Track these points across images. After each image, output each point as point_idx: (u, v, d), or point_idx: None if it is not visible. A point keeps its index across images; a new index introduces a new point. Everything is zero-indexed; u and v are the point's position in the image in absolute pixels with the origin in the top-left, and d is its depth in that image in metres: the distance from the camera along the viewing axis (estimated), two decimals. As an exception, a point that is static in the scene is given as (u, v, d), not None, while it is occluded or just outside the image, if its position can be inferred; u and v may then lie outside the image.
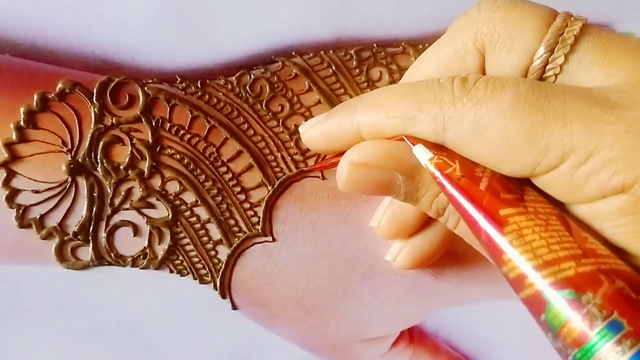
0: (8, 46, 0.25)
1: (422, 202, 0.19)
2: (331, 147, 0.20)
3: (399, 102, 0.18)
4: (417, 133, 0.17)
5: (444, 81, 0.17)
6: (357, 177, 0.18)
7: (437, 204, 0.19)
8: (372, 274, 0.24)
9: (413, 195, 0.19)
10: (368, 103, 0.18)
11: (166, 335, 0.28)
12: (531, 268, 0.15)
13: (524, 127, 0.16)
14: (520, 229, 0.16)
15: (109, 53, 0.25)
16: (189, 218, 0.24)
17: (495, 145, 0.16)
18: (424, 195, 0.19)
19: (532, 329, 0.29)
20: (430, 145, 0.17)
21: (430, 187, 0.18)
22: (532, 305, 0.16)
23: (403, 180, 0.18)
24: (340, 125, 0.19)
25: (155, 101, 0.24)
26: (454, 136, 0.17)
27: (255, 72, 0.25)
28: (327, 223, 0.24)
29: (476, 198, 0.17)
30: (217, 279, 0.24)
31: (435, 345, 0.28)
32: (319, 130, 0.20)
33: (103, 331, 0.28)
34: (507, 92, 0.16)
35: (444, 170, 0.17)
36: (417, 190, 0.18)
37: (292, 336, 0.26)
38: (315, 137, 0.20)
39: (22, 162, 0.23)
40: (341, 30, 0.26)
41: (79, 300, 0.27)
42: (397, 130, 0.18)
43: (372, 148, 0.18)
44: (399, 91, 0.18)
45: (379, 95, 0.18)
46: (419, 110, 0.17)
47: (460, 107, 0.17)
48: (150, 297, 0.27)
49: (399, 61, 0.25)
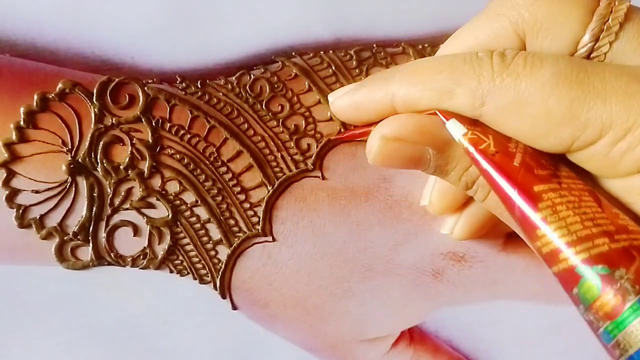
0: (8, 46, 0.25)
1: (451, 176, 0.19)
2: (361, 117, 0.20)
3: (436, 75, 0.18)
4: (453, 107, 0.17)
5: (483, 55, 0.17)
6: (388, 151, 0.19)
7: (466, 177, 0.19)
8: (372, 274, 0.24)
9: (442, 168, 0.19)
10: (404, 75, 0.18)
11: (166, 335, 0.28)
12: (565, 244, 0.16)
13: (563, 103, 0.16)
14: (554, 205, 0.16)
15: (109, 53, 0.25)
16: (189, 218, 0.24)
17: (534, 120, 0.16)
18: (453, 168, 0.19)
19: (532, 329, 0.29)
20: (463, 120, 0.18)
21: (460, 161, 0.18)
22: (565, 279, 0.16)
23: (433, 155, 0.18)
24: (373, 97, 0.19)
25: (155, 101, 0.24)
26: (493, 110, 0.17)
27: (255, 72, 0.25)
28: (327, 223, 0.24)
29: (510, 174, 0.17)
30: (217, 279, 0.24)
31: (435, 346, 0.28)
32: (350, 100, 0.20)
33: (103, 331, 0.28)
34: (546, 67, 0.16)
35: (478, 145, 0.17)
36: (446, 164, 0.19)
37: (292, 336, 0.26)
38: (345, 107, 0.20)
39: (22, 162, 0.23)
40: (341, 31, 0.26)
41: (79, 300, 0.27)
42: (432, 104, 0.18)
43: (404, 122, 0.18)
44: (435, 64, 0.18)
45: (415, 68, 0.18)
46: (457, 83, 0.17)
47: (500, 82, 0.17)
48: (150, 297, 0.27)
49: (398, 61, 0.25)
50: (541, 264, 0.25)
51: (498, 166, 0.17)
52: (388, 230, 0.24)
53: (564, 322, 0.29)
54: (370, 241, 0.24)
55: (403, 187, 0.24)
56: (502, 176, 0.17)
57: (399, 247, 0.24)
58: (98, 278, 0.26)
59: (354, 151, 0.25)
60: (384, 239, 0.24)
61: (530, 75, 0.17)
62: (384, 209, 0.24)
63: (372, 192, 0.24)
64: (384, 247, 0.24)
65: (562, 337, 0.29)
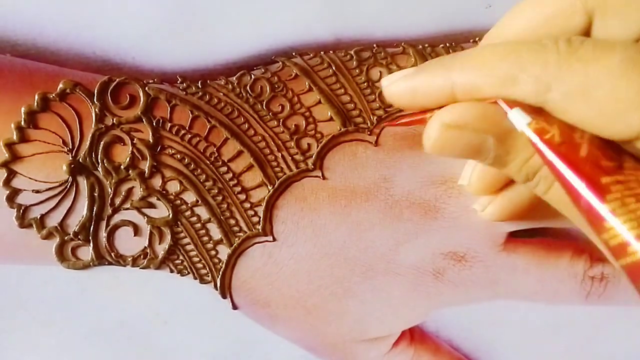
0: (9, 46, 0.25)
1: (511, 167, 0.18)
2: (417, 103, 0.19)
3: (499, 62, 0.17)
4: (517, 94, 0.17)
5: (547, 42, 0.17)
6: (447, 139, 0.18)
7: (527, 169, 0.18)
8: (373, 274, 0.24)
9: (502, 159, 0.18)
10: (465, 61, 0.18)
11: (166, 335, 0.28)
12: (635, 236, 0.16)
13: (633, 88, 0.16)
14: (623, 197, 0.16)
15: (110, 53, 0.26)
16: (190, 218, 0.24)
17: (602, 106, 0.16)
18: (513, 160, 0.18)
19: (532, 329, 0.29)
20: (527, 109, 0.17)
21: (521, 151, 0.18)
22: (634, 272, 0.16)
23: (494, 144, 0.18)
24: (432, 82, 0.18)
25: (156, 101, 0.24)
26: (559, 97, 0.16)
27: (255, 72, 0.25)
28: (327, 223, 0.24)
29: (577, 165, 0.16)
30: (217, 278, 0.24)
31: (436, 345, 0.28)
32: (407, 86, 0.19)
33: (103, 331, 0.28)
34: (615, 53, 0.16)
35: (543, 135, 0.17)
36: (507, 154, 0.18)
37: (293, 336, 0.26)
38: (401, 92, 0.19)
39: (22, 162, 0.23)
40: (341, 31, 0.26)
41: (79, 300, 0.27)
42: (495, 91, 0.17)
43: (466, 109, 0.18)
44: (498, 51, 0.17)
45: (477, 55, 0.18)
46: (522, 70, 0.17)
47: (567, 68, 0.16)
48: (150, 297, 0.27)
49: (398, 61, 0.25)
50: (541, 264, 0.25)
51: (564, 157, 0.16)
52: (388, 230, 0.24)
53: (564, 322, 0.29)
54: (370, 241, 0.24)
55: (403, 186, 0.24)
56: (569, 168, 0.16)
57: (400, 246, 0.24)
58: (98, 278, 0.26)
59: (354, 151, 0.25)
60: (384, 238, 0.24)
61: (599, 61, 0.16)
62: (385, 209, 0.24)
63: (373, 192, 0.24)
64: (385, 246, 0.24)
65: (562, 337, 0.29)
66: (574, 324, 0.29)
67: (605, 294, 0.26)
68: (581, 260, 0.26)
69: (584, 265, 0.26)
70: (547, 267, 0.25)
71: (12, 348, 0.27)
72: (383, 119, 0.24)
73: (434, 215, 0.24)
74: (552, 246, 0.26)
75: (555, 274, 0.25)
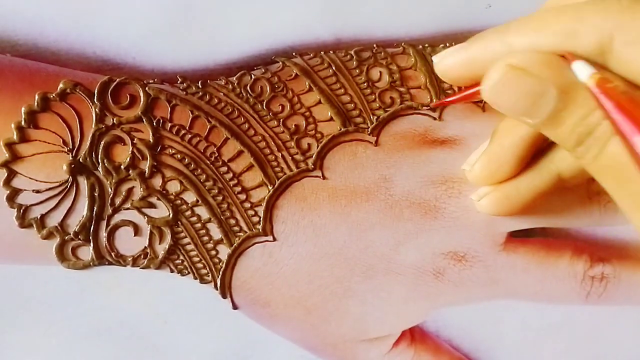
0: (9, 46, 0.25)
1: (566, 125, 0.18)
2: (474, 74, 0.19)
3: (557, 17, 0.17)
4: (579, 47, 0.17)
5: None
6: (510, 81, 0.18)
7: (582, 127, 0.18)
8: (373, 274, 0.24)
9: (558, 114, 0.18)
10: (522, 23, 0.18)
11: (166, 335, 0.28)
12: None
13: None
14: None
15: (110, 53, 0.26)
16: (190, 218, 0.24)
17: None
18: (570, 116, 0.18)
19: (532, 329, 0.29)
20: (591, 64, 0.17)
21: (580, 107, 0.17)
22: None
23: (555, 96, 0.17)
24: (488, 49, 0.18)
25: (156, 101, 0.24)
26: (622, 46, 0.16)
27: (255, 72, 0.25)
28: (327, 223, 0.24)
29: None
30: (217, 278, 0.24)
31: (436, 345, 0.28)
32: (462, 57, 0.19)
33: (103, 331, 0.28)
34: None
35: (605, 84, 0.16)
36: (565, 108, 0.18)
37: (293, 336, 0.26)
38: (456, 65, 0.19)
39: (23, 161, 0.23)
40: (341, 31, 0.26)
41: (79, 300, 0.27)
42: (555, 47, 0.17)
43: (532, 55, 0.18)
44: (554, 10, 0.17)
45: (532, 17, 0.18)
46: (581, 23, 0.17)
47: (630, 16, 0.16)
48: (150, 297, 0.27)
49: (398, 61, 0.25)
50: (541, 264, 0.25)
51: (627, 109, 0.16)
52: (389, 230, 0.24)
53: (564, 322, 0.29)
54: (370, 241, 0.24)
55: (403, 186, 0.24)
56: (630, 120, 0.16)
57: (400, 246, 0.24)
58: (99, 278, 0.26)
59: (354, 151, 0.25)
60: (384, 238, 0.24)
61: None
62: (385, 209, 0.24)
63: (373, 192, 0.24)
64: (385, 246, 0.24)
65: (562, 337, 0.29)
66: (574, 324, 0.29)
67: (605, 294, 0.26)
68: (581, 260, 0.26)
69: (584, 265, 0.26)
70: (547, 267, 0.25)
71: (12, 348, 0.27)
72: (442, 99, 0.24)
73: (434, 215, 0.24)
74: (552, 246, 0.26)
75: (555, 274, 0.25)
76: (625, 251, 0.27)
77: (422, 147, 0.25)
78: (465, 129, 0.25)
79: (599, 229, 0.28)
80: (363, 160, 0.24)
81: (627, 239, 0.28)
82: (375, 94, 0.25)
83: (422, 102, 0.24)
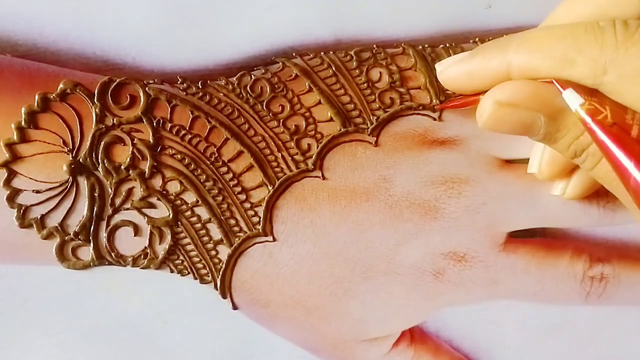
0: (9, 47, 0.25)
1: (560, 143, 0.19)
2: (473, 86, 0.20)
3: (556, 43, 0.18)
4: (573, 75, 0.18)
5: (605, 25, 0.17)
6: (500, 116, 0.19)
7: (575, 146, 0.19)
8: (373, 274, 0.25)
9: (552, 136, 0.19)
10: (522, 43, 0.18)
11: (166, 335, 0.28)
12: None
13: None
14: None
15: (110, 54, 0.26)
16: (190, 218, 0.24)
17: None
18: (563, 137, 0.19)
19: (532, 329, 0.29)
20: (580, 90, 0.18)
21: (572, 130, 0.19)
22: None
23: (545, 122, 0.19)
24: (488, 64, 0.19)
25: (156, 101, 0.24)
26: (614, 79, 0.17)
27: (255, 73, 0.25)
28: (327, 223, 0.24)
29: (627, 146, 0.17)
30: (217, 278, 0.24)
31: (436, 345, 0.28)
32: (463, 69, 0.20)
33: (103, 331, 0.28)
34: None
35: (596, 116, 0.17)
36: (557, 131, 0.19)
37: (293, 336, 0.26)
38: (457, 76, 0.20)
39: (23, 162, 0.23)
40: (341, 32, 0.26)
41: (79, 300, 0.27)
42: (551, 72, 0.18)
43: (519, 88, 0.19)
44: (555, 32, 0.18)
45: (533, 36, 0.18)
46: (579, 52, 0.17)
47: (624, 51, 0.17)
48: (150, 297, 0.27)
49: (398, 62, 0.25)
50: (541, 264, 0.25)
51: (615, 138, 0.17)
52: (388, 230, 0.24)
53: (564, 322, 0.29)
54: (370, 241, 0.24)
55: (403, 186, 0.24)
56: (619, 148, 0.17)
57: (400, 246, 0.24)
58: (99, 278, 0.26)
59: (354, 151, 0.25)
60: (384, 238, 0.24)
61: None
62: (385, 209, 0.24)
63: (373, 192, 0.24)
64: (385, 246, 0.24)
65: (562, 337, 0.29)
66: (574, 324, 0.29)
67: (605, 294, 0.26)
68: (581, 261, 0.26)
69: (584, 266, 0.26)
70: (547, 268, 0.25)
71: (12, 348, 0.27)
72: (444, 101, 0.24)
73: (434, 215, 0.24)
74: (552, 246, 0.26)
75: (555, 274, 0.25)
76: (624, 251, 0.27)
77: (422, 148, 0.25)
78: (465, 129, 0.25)
79: (598, 229, 0.28)
80: (363, 161, 0.24)
81: (627, 239, 0.28)
82: (375, 95, 0.25)
83: (422, 102, 0.25)
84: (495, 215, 0.25)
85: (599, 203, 0.25)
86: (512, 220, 0.25)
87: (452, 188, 0.24)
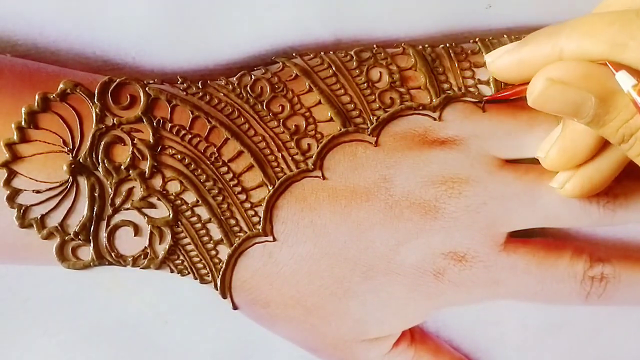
0: (9, 47, 0.25)
1: (609, 127, 0.19)
2: (525, 74, 0.20)
3: (608, 28, 0.18)
4: (625, 60, 0.18)
5: None
6: (550, 94, 0.19)
7: (625, 129, 0.19)
8: (373, 274, 0.25)
9: (601, 118, 0.19)
10: (573, 29, 0.19)
11: (166, 335, 0.28)
12: None
13: None
14: None
15: (110, 54, 0.26)
16: (190, 218, 0.24)
17: None
18: (613, 119, 0.19)
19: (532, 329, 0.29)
20: (633, 73, 0.18)
21: (622, 112, 0.19)
22: None
23: (595, 103, 0.19)
24: (539, 51, 0.19)
25: (156, 101, 0.24)
26: None
27: (256, 72, 0.25)
28: (327, 223, 0.24)
29: None
30: (217, 278, 0.24)
31: (436, 345, 0.28)
32: (513, 58, 0.20)
33: (103, 331, 0.28)
34: None
35: None
36: (606, 113, 0.19)
37: (293, 336, 0.26)
38: (508, 65, 0.20)
39: (23, 162, 0.23)
40: (341, 31, 0.26)
41: (79, 300, 0.27)
42: (604, 56, 0.18)
43: (572, 67, 0.19)
44: (607, 18, 0.18)
45: (584, 22, 0.19)
46: (631, 37, 0.17)
47: None
48: (150, 297, 0.27)
49: (399, 62, 0.25)
50: (541, 264, 0.25)
51: None
52: (389, 230, 0.24)
53: (564, 322, 0.29)
54: (370, 241, 0.24)
55: (403, 186, 0.24)
56: None
57: (400, 246, 0.24)
58: (99, 278, 0.26)
59: (354, 151, 0.25)
60: (384, 238, 0.24)
61: None
62: (385, 209, 0.24)
63: (373, 192, 0.24)
64: (385, 246, 0.24)
65: (562, 337, 0.29)
66: (574, 324, 0.29)
67: (605, 294, 0.26)
68: (581, 261, 0.26)
69: (584, 266, 0.26)
70: (547, 268, 0.25)
71: (12, 348, 0.27)
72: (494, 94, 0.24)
73: (434, 215, 0.24)
74: (552, 246, 0.26)
75: (555, 274, 0.25)
76: (625, 251, 0.27)
77: (422, 148, 0.25)
78: (465, 129, 0.25)
79: (599, 229, 0.28)
80: (363, 161, 0.24)
81: (627, 239, 0.28)
82: (375, 95, 0.25)
83: (422, 102, 0.25)
84: (495, 215, 0.25)
85: (599, 203, 0.25)
86: (512, 220, 0.25)
87: (452, 188, 0.24)
